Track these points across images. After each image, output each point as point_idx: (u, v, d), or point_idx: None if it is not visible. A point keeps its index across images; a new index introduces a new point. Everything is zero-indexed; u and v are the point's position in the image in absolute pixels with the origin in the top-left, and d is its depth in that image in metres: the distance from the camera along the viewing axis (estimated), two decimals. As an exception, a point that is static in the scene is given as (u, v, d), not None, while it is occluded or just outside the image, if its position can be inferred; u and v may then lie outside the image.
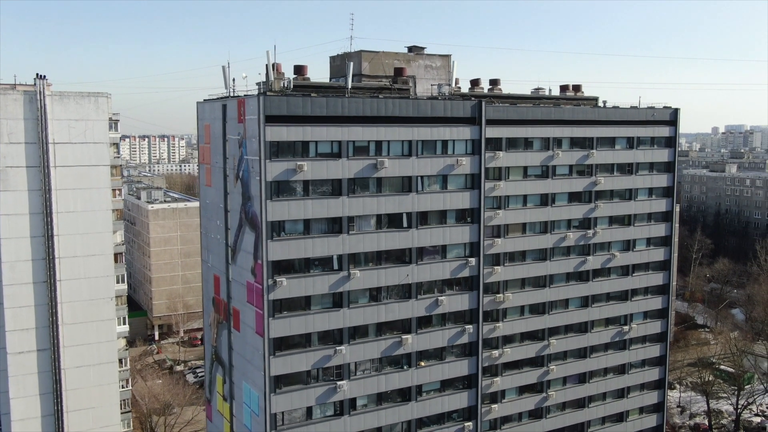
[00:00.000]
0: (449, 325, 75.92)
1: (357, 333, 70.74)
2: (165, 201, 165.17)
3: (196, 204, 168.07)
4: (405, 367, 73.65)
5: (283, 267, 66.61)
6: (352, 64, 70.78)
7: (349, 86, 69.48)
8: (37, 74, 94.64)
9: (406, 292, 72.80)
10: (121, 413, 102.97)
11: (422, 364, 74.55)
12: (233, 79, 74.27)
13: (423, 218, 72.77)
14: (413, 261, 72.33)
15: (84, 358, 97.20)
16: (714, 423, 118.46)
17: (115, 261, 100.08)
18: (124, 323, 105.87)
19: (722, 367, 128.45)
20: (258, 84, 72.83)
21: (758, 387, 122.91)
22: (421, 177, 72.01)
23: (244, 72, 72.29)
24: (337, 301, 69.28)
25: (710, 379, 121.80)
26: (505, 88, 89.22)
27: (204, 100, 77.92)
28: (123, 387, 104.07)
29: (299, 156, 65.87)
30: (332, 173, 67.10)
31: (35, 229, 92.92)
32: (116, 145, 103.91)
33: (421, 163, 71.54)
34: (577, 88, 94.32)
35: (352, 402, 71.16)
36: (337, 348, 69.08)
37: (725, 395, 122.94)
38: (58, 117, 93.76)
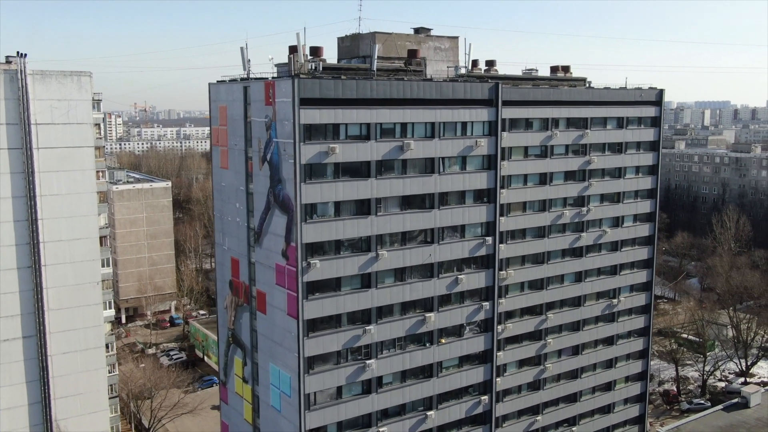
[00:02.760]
0: (467, 302, 77.81)
1: (383, 312, 71.86)
2: (128, 182, 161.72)
3: (162, 184, 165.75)
4: (427, 345, 75.31)
5: (314, 249, 67.08)
6: (377, 46, 71.23)
7: (375, 68, 69.94)
8: (18, 52, 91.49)
9: (428, 271, 74.23)
10: (109, 398, 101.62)
11: (443, 341, 76.30)
12: (248, 60, 73.71)
13: (443, 199, 74.14)
14: (435, 241, 73.73)
15: (71, 343, 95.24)
16: (682, 389, 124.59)
17: (100, 244, 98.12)
18: (110, 307, 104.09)
19: (686, 335, 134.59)
20: (278, 66, 72.63)
21: (720, 353, 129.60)
22: (442, 158, 73.26)
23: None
24: (366, 281, 70.20)
25: (676, 347, 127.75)
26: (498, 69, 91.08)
27: (217, 81, 77.05)
28: (110, 372, 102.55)
29: (330, 139, 66.19)
30: (362, 155, 67.70)
31: (18, 212, 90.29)
32: (98, 126, 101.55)
33: (442, 144, 72.77)
34: (566, 68, 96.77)
35: (379, 380, 72.44)
36: (366, 327, 70.13)
37: (690, 362, 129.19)
38: (40, 97, 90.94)
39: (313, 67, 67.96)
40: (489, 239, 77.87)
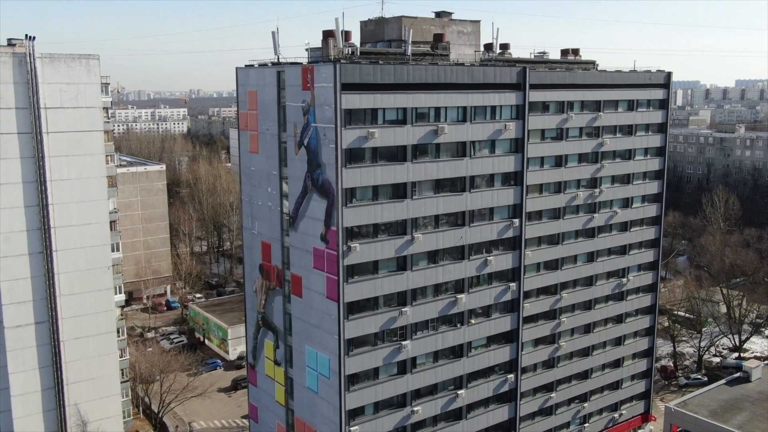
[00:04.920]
0: (494, 283, 79.22)
1: (417, 294, 72.95)
2: (122, 165, 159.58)
3: (156, 167, 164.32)
4: (458, 326, 76.65)
5: (353, 233, 67.79)
6: (410, 30, 71.70)
7: (409, 53, 70.50)
8: (26, 35, 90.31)
9: (459, 253, 75.39)
10: (121, 383, 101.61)
11: (472, 321, 77.70)
12: (279, 45, 73.67)
13: (473, 182, 75.22)
14: (466, 223, 74.87)
15: (83, 329, 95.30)
16: (678, 364, 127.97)
17: (110, 229, 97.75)
18: (120, 292, 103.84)
19: (682, 313, 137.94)
20: (308, 50, 72.85)
21: (714, 330, 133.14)
22: (473, 142, 74.23)
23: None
24: (401, 264, 71.18)
25: (671, 324, 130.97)
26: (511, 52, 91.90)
27: (245, 65, 76.88)
28: (120, 356, 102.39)
29: (369, 123, 66.74)
30: (399, 140, 68.41)
31: (29, 198, 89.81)
32: (107, 110, 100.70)
33: (474, 128, 73.75)
34: (575, 51, 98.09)
35: (413, 360, 73.67)
36: (402, 309, 71.20)
37: (685, 339, 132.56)
38: (49, 80, 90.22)
39: (350, 52, 68.30)
40: (516, 221, 79.32)
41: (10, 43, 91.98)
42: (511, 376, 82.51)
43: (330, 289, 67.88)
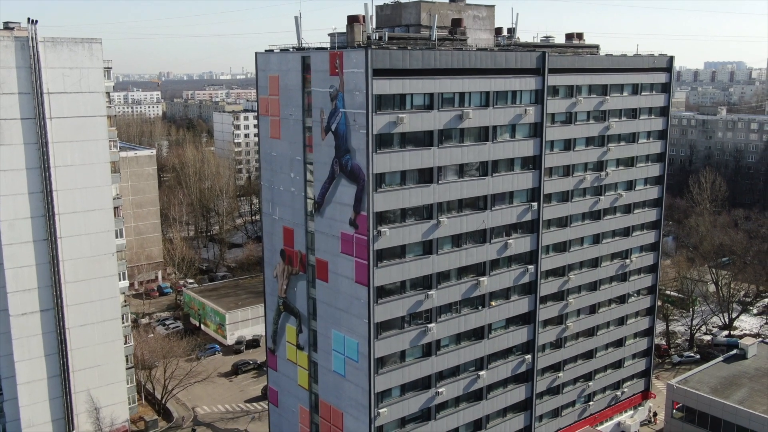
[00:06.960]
0: (513, 265, 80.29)
1: (441, 278, 73.71)
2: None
3: (146, 152, 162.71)
4: (479, 308, 77.65)
5: (380, 218, 68.19)
6: (435, 16, 72.01)
7: (435, 38, 70.83)
8: (29, 18, 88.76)
9: (480, 237, 76.22)
10: (126, 369, 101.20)
11: (493, 303, 78.74)
12: (297, 32, 73.49)
13: (495, 166, 75.98)
14: (488, 207, 75.70)
15: (88, 316, 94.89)
16: (671, 343, 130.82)
17: (114, 215, 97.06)
18: (124, 278, 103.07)
19: (672, 292, 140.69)
20: (331, 35, 72.77)
21: (704, 308, 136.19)
22: (495, 127, 74.93)
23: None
24: (427, 248, 71.83)
25: (662, 304, 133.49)
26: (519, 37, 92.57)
27: (265, 50, 76.52)
28: (125, 343, 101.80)
29: (397, 108, 67.03)
30: (426, 125, 68.85)
31: (33, 184, 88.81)
32: (109, 94, 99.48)
33: (496, 113, 74.42)
34: (580, 36, 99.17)
35: (438, 343, 74.54)
36: (428, 293, 71.95)
37: (676, 318, 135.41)
38: (52, 65, 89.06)
39: (377, 37, 68.39)
40: (534, 204, 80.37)
41: (7, 26, 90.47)
42: (528, 356, 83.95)
43: (359, 273, 68.30)
